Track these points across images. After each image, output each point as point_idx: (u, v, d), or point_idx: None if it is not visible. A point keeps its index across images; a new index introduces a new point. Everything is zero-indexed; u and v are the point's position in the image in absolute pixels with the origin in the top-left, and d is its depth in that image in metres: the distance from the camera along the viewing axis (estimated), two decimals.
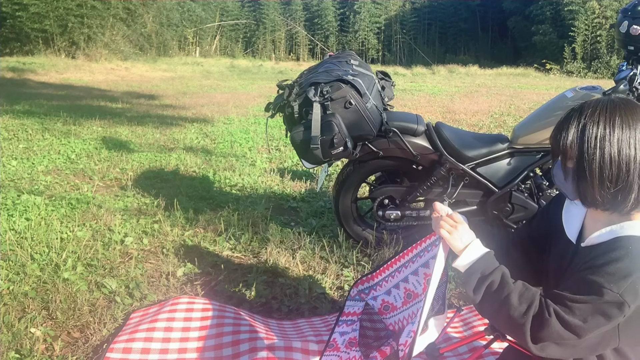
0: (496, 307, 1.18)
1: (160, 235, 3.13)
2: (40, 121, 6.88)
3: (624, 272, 1.08)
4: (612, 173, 1.12)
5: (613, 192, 1.13)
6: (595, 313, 1.09)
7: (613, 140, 1.11)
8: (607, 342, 1.17)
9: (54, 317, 2.20)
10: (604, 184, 1.13)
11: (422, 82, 15.66)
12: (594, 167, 1.13)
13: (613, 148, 1.11)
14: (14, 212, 3.34)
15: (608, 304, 1.08)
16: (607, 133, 1.11)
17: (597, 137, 1.12)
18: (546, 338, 1.13)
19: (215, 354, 1.94)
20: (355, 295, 1.78)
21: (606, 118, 1.12)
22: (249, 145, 5.86)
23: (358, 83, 2.49)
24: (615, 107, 1.14)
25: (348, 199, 2.91)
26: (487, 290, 1.20)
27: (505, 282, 1.20)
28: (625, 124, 1.12)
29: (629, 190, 1.12)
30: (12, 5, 18.15)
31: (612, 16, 22.78)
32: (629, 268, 1.08)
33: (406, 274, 1.61)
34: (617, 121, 1.12)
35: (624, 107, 1.14)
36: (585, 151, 1.13)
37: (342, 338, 1.68)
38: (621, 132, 1.11)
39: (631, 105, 1.15)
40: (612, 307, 1.08)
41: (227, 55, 31.35)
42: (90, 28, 20.04)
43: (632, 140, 1.11)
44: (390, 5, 34.21)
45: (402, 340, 1.34)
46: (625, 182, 1.12)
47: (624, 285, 1.07)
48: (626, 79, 2.54)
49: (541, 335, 1.13)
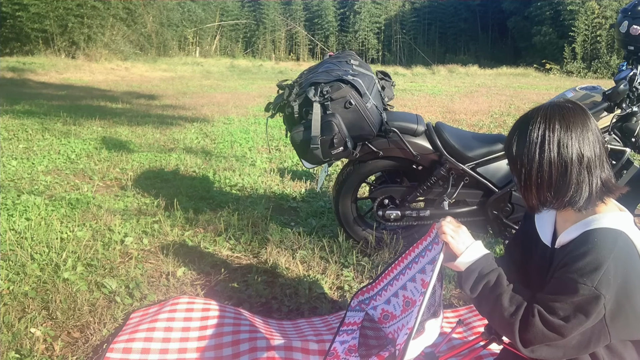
0: (490, 306, 1.23)
1: (160, 235, 3.13)
2: (40, 121, 6.88)
3: (594, 265, 1.11)
4: (551, 175, 1.17)
5: (553, 193, 1.19)
6: (575, 311, 1.11)
7: (553, 143, 1.16)
8: (597, 339, 1.17)
9: (54, 317, 2.20)
10: (542, 187, 1.19)
11: (422, 82, 15.66)
12: (534, 171, 1.19)
13: (552, 152, 1.16)
14: (14, 212, 3.34)
15: (585, 298, 1.10)
16: (546, 137, 1.17)
17: (537, 142, 1.18)
18: (533, 339, 1.16)
19: (215, 354, 1.94)
20: (356, 305, 1.81)
21: (546, 123, 1.18)
22: (249, 145, 5.86)
23: (358, 83, 2.49)
24: (554, 111, 1.19)
25: (348, 199, 2.91)
26: (483, 289, 1.25)
27: (499, 283, 1.24)
28: (564, 126, 1.17)
29: (566, 189, 1.17)
30: (12, 5, 18.17)
31: (612, 16, 22.78)
32: (598, 260, 1.11)
33: (404, 281, 1.63)
34: (556, 125, 1.17)
35: (563, 110, 1.19)
36: (526, 156, 1.19)
37: (342, 346, 1.70)
38: (560, 134, 1.16)
39: (571, 108, 1.20)
40: (589, 302, 1.10)
41: (227, 55, 31.37)
42: (90, 28, 20.05)
43: (570, 141, 1.16)
44: (390, 5, 34.21)
45: (399, 340, 1.35)
46: (563, 182, 1.17)
47: (597, 278, 1.10)
48: (626, 79, 2.54)
49: (528, 337, 1.16)
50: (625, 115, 2.65)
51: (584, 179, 1.17)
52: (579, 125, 1.17)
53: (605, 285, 1.10)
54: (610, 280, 1.10)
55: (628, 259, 1.14)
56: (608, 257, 1.11)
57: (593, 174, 1.17)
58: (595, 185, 1.18)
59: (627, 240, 1.15)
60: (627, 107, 2.60)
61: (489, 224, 2.84)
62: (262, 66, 23.57)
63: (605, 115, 2.63)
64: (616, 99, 2.53)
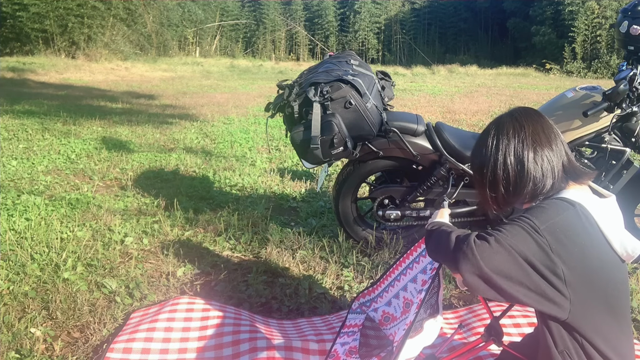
0: (440, 241, 1.25)
1: (160, 235, 3.13)
2: (40, 121, 6.88)
3: (547, 214, 1.14)
4: (508, 178, 1.24)
5: (511, 191, 1.25)
6: (514, 227, 1.13)
7: (509, 149, 1.23)
8: (548, 298, 1.10)
9: (54, 317, 2.20)
10: (498, 189, 1.26)
11: (422, 82, 15.66)
12: (489, 173, 1.26)
13: (509, 156, 1.23)
14: (14, 212, 3.34)
15: (527, 225, 1.12)
16: (500, 143, 1.24)
17: (492, 148, 1.25)
18: (467, 254, 1.10)
19: (215, 354, 1.94)
20: (357, 308, 1.81)
21: (498, 130, 1.26)
22: (249, 145, 5.86)
23: (358, 83, 2.49)
24: (510, 116, 1.28)
25: (348, 199, 2.91)
26: (437, 231, 1.30)
27: (452, 228, 1.28)
28: (516, 131, 1.24)
29: (522, 189, 1.24)
30: (12, 5, 18.16)
31: (611, 16, 22.79)
32: (550, 212, 1.15)
33: (405, 282, 1.63)
34: (510, 131, 1.24)
35: (518, 115, 1.27)
36: (484, 164, 1.27)
37: (342, 348, 1.71)
38: (513, 140, 1.23)
39: (527, 112, 1.28)
40: (530, 230, 1.11)
41: (227, 55, 31.36)
42: (91, 28, 20.05)
43: (524, 143, 1.22)
44: (390, 5, 34.21)
45: (397, 337, 1.35)
46: (519, 184, 1.23)
47: (545, 223, 1.12)
48: (626, 79, 2.54)
49: (463, 253, 1.11)
50: (625, 115, 2.65)
51: (546, 173, 1.22)
52: (530, 123, 1.24)
53: (550, 234, 1.11)
54: (557, 233, 1.11)
55: (580, 224, 1.15)
56: (560, 213, 1.15)
57: (555, 166, 1.23)
58: (557, 176, 1.23)
59: (583, 210, 1.17)
60: (627, 107, 2.60)
61: (489, 224, 2.84)
62: (262, 66, 23.56)
63: (605, 115, 2.63)
64: (616, 99, 2.53)
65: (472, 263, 1.09)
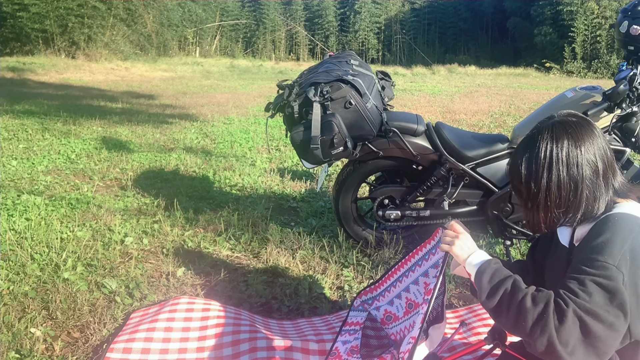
0: (514, 314, 1.08)
1: (160, 235, 3.13)
2: (40, 121, 6.88)
3: (614, 242, 1.06)
4: (560, 196, 1.14)
5: (563, 213, 1.15)
6: (600, 289, 1.03)
7: (561, 163, 1.12)
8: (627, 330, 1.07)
9: (54, 317, 2.20)
10: (551, 208, 1.15)
11: (422, 82, 15.66)
12: (543, 192, 1.14)
13: (562, 172, 1.12)
14: (14, 212, 3.34)
15: (606, 275, 1.03)
16: (554, 156, 1.13)
17: (546, 162, 1.13)
18: (571, 330, 1.01)
19: (215, 354, 1.94)
20: (359, 305, 1.80)
21: (554, 142, 1.14)
22: (249, 145, 5.86)
23: (358, 83, 2.49)
24: (560, 128, 1.15)
25: (348, 199, 2.91)
26: (502, 298, 1.11)
27: (517, 287, 1.11)
28: (572, 143, 1.13)
29: (577, 207, 1.14)
30: (12, 5, 18.16)
31: (611, 16, 22.79)
32: (618, 238, 1.07)
33: (408, 283, 1.63)
34: (565, 143, 1.13)
35: (569, 126, 1.15)
36: (534, 177, 1.15)
37: (344, 346, 1.70)
38: (569, 152, 1.13)
39: (575, 122, 1.17)
40: (611, 279, 1.03)
41: (227, 55, 31.37)
42: (91, 28, 20.04)
43: (579, 159, 1.12)
44: (390, 5, 34.21)
45: (403, 348, 1.35)
46: (574, 201, 1.14)
47: (618, 256, 1.04)
48: (626, 79, 2.54)
49: (566, 331, 1.01)
50: (625, 115, 2.65)
51: (600, 191, 1.14)
52: (586, 138, 1.14)
53: (624, 265, 1.03)
54: (628, 261, 1.04)
55: None
56: (628, 238, 1.06)
57: (608, 183, 1.15)
58: (611, 193, 1.15)
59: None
60: (627, 107, 2.60)
61: (489, 224, 2.84)
62: (262, 66, 23.56)
63: (605, 115, 2.63)
64: (616, 99, 2.53)
65: (549, 351, 1.02)
